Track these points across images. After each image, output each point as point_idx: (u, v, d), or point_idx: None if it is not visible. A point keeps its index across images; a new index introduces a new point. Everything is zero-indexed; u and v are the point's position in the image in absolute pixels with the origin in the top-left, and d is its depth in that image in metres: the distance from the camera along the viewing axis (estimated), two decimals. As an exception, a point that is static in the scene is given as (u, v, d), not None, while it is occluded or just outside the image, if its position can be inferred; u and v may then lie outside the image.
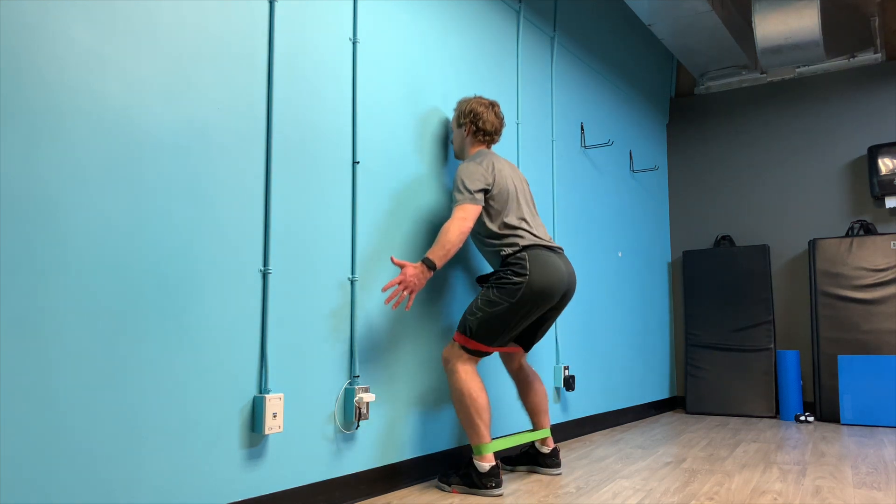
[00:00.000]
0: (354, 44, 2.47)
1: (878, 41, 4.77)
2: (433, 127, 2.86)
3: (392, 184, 2.60)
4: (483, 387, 2.50)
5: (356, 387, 2.33)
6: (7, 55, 1.52)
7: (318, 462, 2.22)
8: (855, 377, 4.30)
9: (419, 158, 2.76)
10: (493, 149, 3.02)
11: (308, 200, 2.24)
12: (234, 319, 1.98)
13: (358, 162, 2.44)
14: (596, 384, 4.02)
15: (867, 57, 4.81)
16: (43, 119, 1.58)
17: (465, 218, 2.48)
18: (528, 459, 2.85)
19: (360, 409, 2.32)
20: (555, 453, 2.81)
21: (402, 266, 2.37)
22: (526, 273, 2.49)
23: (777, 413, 4.75)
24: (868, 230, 4.62)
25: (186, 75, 1.90)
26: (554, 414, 3.56)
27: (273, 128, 2.14)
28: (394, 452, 2.52)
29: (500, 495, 2.43)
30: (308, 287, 2.22)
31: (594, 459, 3.11)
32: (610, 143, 4.04)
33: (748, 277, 4.91)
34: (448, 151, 2.93)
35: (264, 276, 2.08)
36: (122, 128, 1.74)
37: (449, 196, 2.90)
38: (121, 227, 1.72)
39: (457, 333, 2.54)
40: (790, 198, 5.00)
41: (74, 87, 1.64)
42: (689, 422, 4.45)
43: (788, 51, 4.45)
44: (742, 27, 4.90)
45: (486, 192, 2.58)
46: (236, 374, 1.98)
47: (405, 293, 2.38)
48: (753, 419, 4.57)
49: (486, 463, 2.45)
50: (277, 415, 2.03)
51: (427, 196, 2.78)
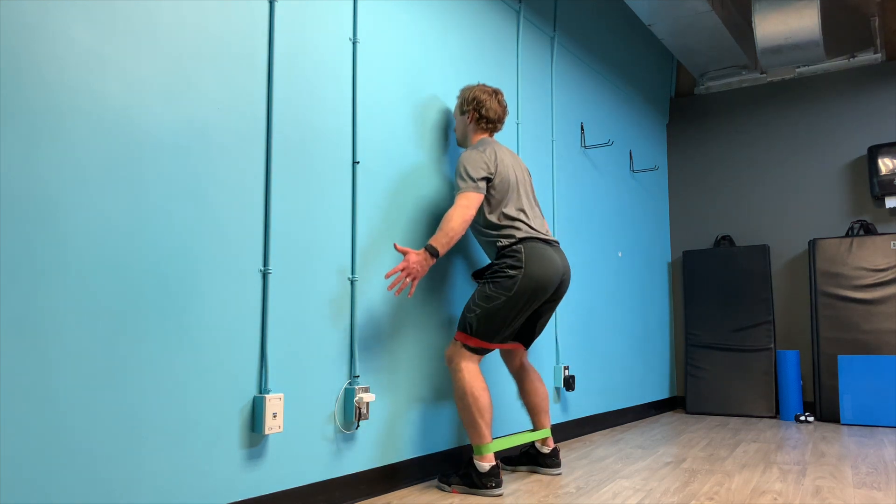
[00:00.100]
0: (354, 44, 2.47)
1: (878, 41, 4.77)
2: (433, 127, 2.86)
3: (392, 184, 2.61)
4: (485, 386, 2.50)
5: (356, 387, 2.33)
6: (7, 55, 1.52)
7: (318, 462, 2.22)
8: (855, 377, 4.30)
9: (419, 159, 2.76)
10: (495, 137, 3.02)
11: (308, 200, 2.24)
12: (234, 319, 1.98)
13: (358, 162, 2.44)
14: (596, 384, 4.02)
15: (867, 57, 4.81)
16: (43, 119, 1.58)
17: (467, 206, 2.49)
18: (529, 459, 2.85)
19: (360, 409, 2.32)
20: (555, 453, 2.81)
21: (404, 253, 2.38)
22: (521, 266, 2.50)
23: (777, 413, 4.76)
24: (868, 230, 4.62)
25: (186, 75, 1.90)
26: (554, 414, 3.56)
27: (273, 128, 2.14)
28: (394, 452, 2.53)
29: (500, 495, 2.43)
30: (308, 287, 2.22)
31: (594, 459, 3.11)
32: (610, 143, 4.04)
33: (748, 277, 4.91)
34: (448, 152, 2.93)
35: (264, 276, 2.08)
36: (122, 128, 1.74)
37: (449, 195, 2.90)
38: (121, 227, 1.72)
39: (458, 332, 2.54)
40: (790, 198, 5.00)
41: (74, 87, 1.64)
42: (689, 422, 4.45)
43: (788, 51, 4.45)
44: (742, 27, 4.90)
45: (488, 180, 2.58)
46: (236, 374, 1.98)
47: (408, 280, 2.38)
48: (753, 419, 4.57)
49: (487, 463, 2.45)
50: (277, 415, 2.03)
51: (427, 196, 2.78)
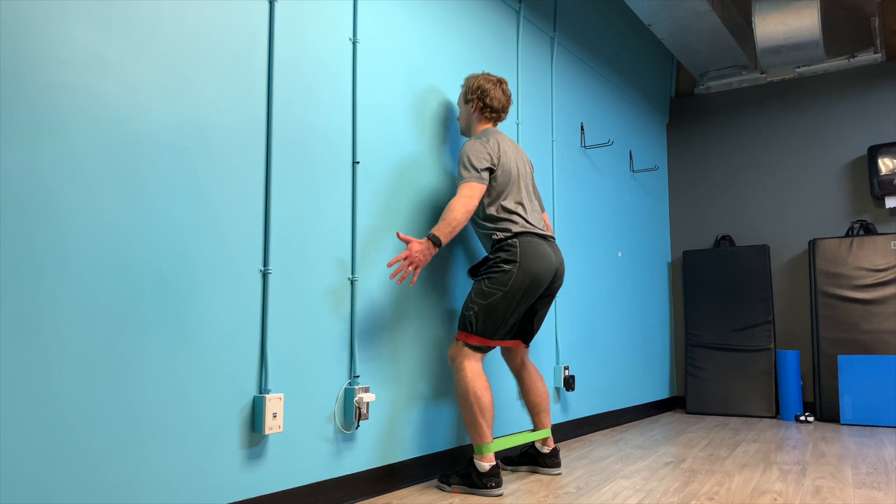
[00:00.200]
0: (354, 44, 2.47)
1: (878, 41, 4.77)
2: (433, 127, 2.86)
3: (392, 184, 2.61)
4: (488, 386, 2.50)
5: (356, 387, 2.33)
6: (7, 55, 1.52)
7: (318, 462, 2.22)
8: (855, 377, 4.30)
9: (419, 159, 2.76)
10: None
11: (308, 200, 2.24)
12: (234, 319, 1.98)
13: (358, 162, 2.44)
14: (596, 384, 4.02)
15: (867, 57, 4.81)
16: (43, 119, 1.58)
17: (470, 196, 2.50)
18: (529, 459, 2.85)
19: (360, 409, 2.32)
20: (555, 453, 2.81)
21: (407, 242, 2.38)
22: (516, 260, 2.52)
23: (777, 413, 4.76)
24: (868, 230, 4.62)
25: (186, 76, 1.90)
26: (554, 414, 3.56)
27: (273, 128, 2.14)
28: (394, 452, 2.53)
29: (500, 495, 2.43)
30: (308, 287, 2.22)
31: (594, 459, 3.11)
32: (610, 143, 4.04)
33: (748, 277, 4.91)
34: (448, 152, 2.94)
35: (264, 276, 2.08)
36: (122, 128, 1.74)
37: (449, 194, 2.89)
38: (121, 227, 1.72)
39: (459, 331, 2.55)
40: (790, 198, 5.00)
41: (75, 87, 1.64)
42: (689, 422, 4.45)
43: (788, 51, 4.45)
44: (742, 27, 4.90)
45: (490, 171, 2.59)
46: (236, 375, 1.98)
47: (410, 268, 2.39)
48: (753, 419, 4.57)
49: (487, 463, 2.45)
50: (277, 415, 2.03)
51: (427, 196, 2.78)
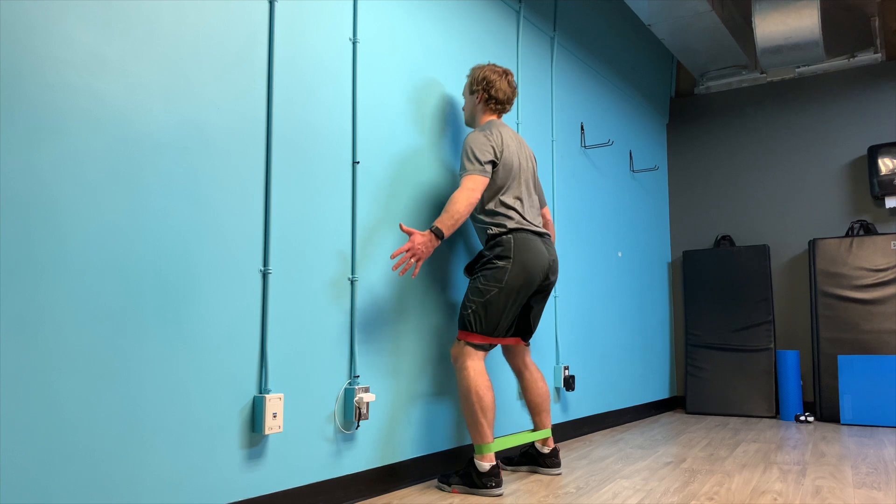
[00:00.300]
0: (354, 44, 2.47)
1: (878, 41, 4.77)
2: (433, 126, 2.86)
3: (392, 184, 2.61)
4: (490, 385, 2.50)
5: (356, 387, 2.33)
6: (7, 55, 1.52)
7: (318, 462, 2.22)
8: (855, 377, 4.30)
9: (420, 159, 2.76)
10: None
11: (308, 200, 2.24)
12: (234, 319, 1.98)
13: (358, 162, 2.44)
14: (596, 384, 4.02)
15: (867, 57, 4.81)
16: (43, 119, 1.58)
17: (473, 189, 2.50)
18: (528, 459, 2.85)
19: (360, 409, 2.32)
20: (555, 453, 2.81)
21: (410, 234, 2.39)
22: (509, 256, 2.53)
23: (777, 413, 4.76)
24: (868, 230, 4.62)
25: (186, 75, 1.90)
26: (554, 414, 3.56)
27: (273, 128, 2.14)
28: (394, 452, 2.53)
29: (500, 495, 2.43)
30: (308, 287, 2.22)
31: (594, 459, 3.11)
32: (610, 143, 4.04)
33: (748, 277, 4.91)
34: (448, 151, 2.93)
35: (264, 276, 2.08)
36: (122, 128, 1.74)
37: (449, 192, 2.89)
38: (121, 227, 1.72)
39: (459, 331, 2.55)
40: (790, 198, 5.00)
41: (75, 87, 1.64)
42: (689, 422, 4.45)
43: (788, 51, 4.45)
44: (742, 27, 4.90)
45: (493, 164, 2.59)
46: (236, 374, 1.98)
47: (412, 261, 2.39)
48: (753, 419, 4.57)
49: (487, 463, 2.45)
50: (277, 415, 2.03)
51: (427, 196, 2.78)
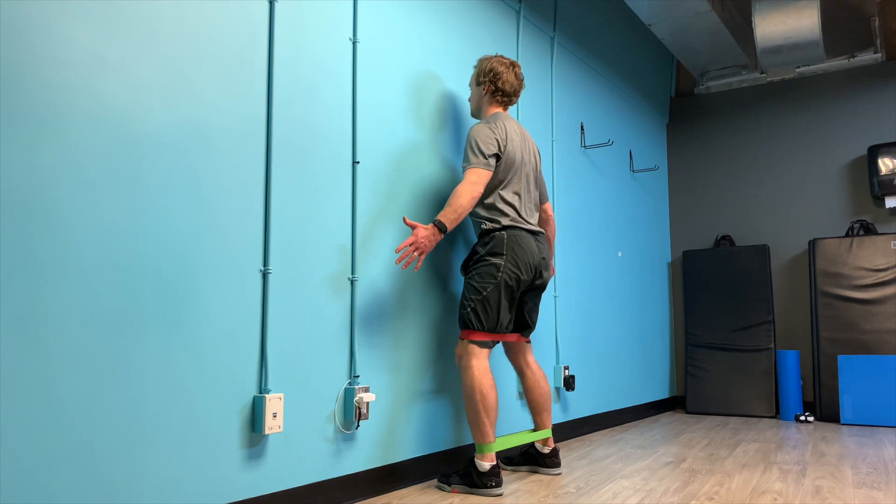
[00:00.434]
0: (354, 44, 2.47)
1: (878, 41, 4.77)
2: (433, 126, 2.86)
3: (392, 184, 2.61)
4: (494, 385, 2.51)
5: (356, 387, 2.33)
6: (7, 55, 1.52)
7: (318, 462, 2.22)
8: (855, 377, 4.30)
9: (420, 159, 2.76)
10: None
11: (308, 200, 2.24)
12: (234, 319, 1.98)
13: (358, 162, 2.44)
14: (596, 384, 4.02)
15: (867, 57, 4.81)
16: (43, 119, 1.58)
17: (476, 182, 2.51)
18: (529, 459, 2.85)
19: (360, 408, 2.32)
20: (555, 453, 2.81)
21: (413, 227, 2.39)
22: (503, 253, 2.55)
23: (777, 413, 4.76)
24: (868, 230, 4.62)
25: (186, 76, 1.90)
26: (554, 414, 3.56)
27: (273, 128, 2.14)
28: (394, 452, 2.53)
29: (500, 495, 2.43)
30: (308, 287, 2.22)
31: (594, 459, 3.11)
32: (610, 143, 4.04)
33: (748, 277, 4.91)
34: (449, 151, 2.93)
35: (264, 276, 2.08)
36: (122, 128, 1.74)
37: (449, 191, 2.89)
38: (121, 227, 1.72)
39: (462, 331, 2.56)
40: (790, 198, 5.00)
41: (75, 87, 1.64)
42: (689, 422, 4.45)
43: (788, 51, 4.45)
44: (742, 27, 4.90)
45: (497, 157, 2.60)
46: (236, 374, 1.98)
47: (415, 254, 2.40)
48: (753, 419, 4.57)
49: (487, 462, 2.45)
50: (277, 415, 2.03)
51: (427, 196, 2.78)
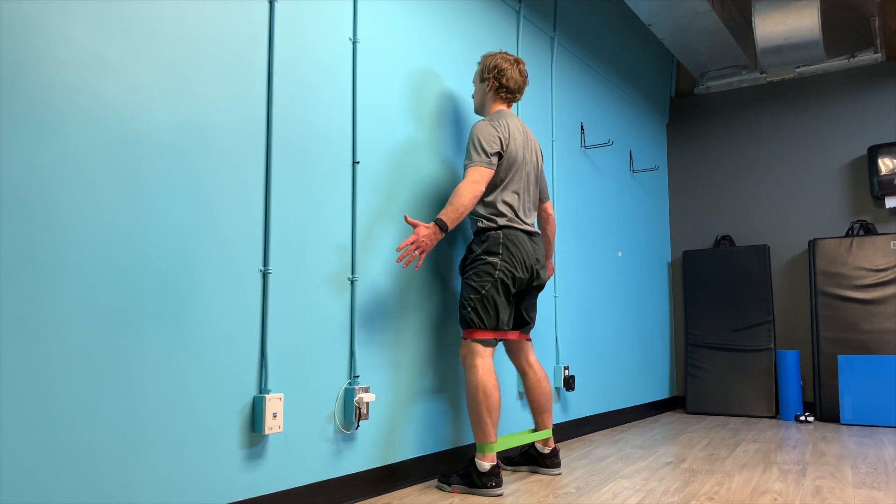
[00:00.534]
0: (354, 44, 2.47)
1: (878, 41, 4.77)
2: (433, 126, 2.86)
3: (392, 184, 2.61)
4: (497, 385, 2.51)
5: (356, 387, 2.33)
6: (7, 55, 1.52)
7: (318, 462, 2.22)
8: (855, 377, 4.30)
9: (420, 158, 2.76)
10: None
11: (308, 200, 2.24)
12: (234, 319, 1.98)
13: (358, 162, 2.44)
14: (596, 384, 4.02)
15: (867, 57, 4.81)
16: (43, 119, 1.58)
17: (478, 181, 2.51)
18: (529, 459, 2.85)
19: (360, 409, 2.32)
20: (555, 453, 2.81)
21: (414, 226, 2.40)
22: (498, 252, 2.56)
23: (777, 413, 4.75)
24: (868, 230, 4.62)
25: (186, 75, 1.90)
26: (554, 414, 3.56)
27: (273, 128, 2.14)
28: (394, 452, 2.53)
29: (500, 495, 2.43)
30: (308, 287, 2.22)
31: (594, 459, 3.11)
32: (610, 143, 4.04)
33: (748, 277, 4.91)
34: (449, 150, 2.93)
35: (264, 276, 2.08)
36: (122, 128, 1.74)
37: (449, 191, 2.89)
38: (121, 227, 1.72)
39: (464, 332, 2.57)
40: (790, 198, 5.00)
41: (75, 87, 1.64)
42: (689, 422, 4.45)
43: (788, 51, 4.45)
44: (742, 27, 4.90)
45: (499, 156, 2.60)
46: (236, 374, 1.98)
47: (416, 253, 2.40)
48: (753, 419, 4.57)
49: (488, 462, 2.45)
50: (277, 415, 2.03)
51: (427, 195, 2.78)
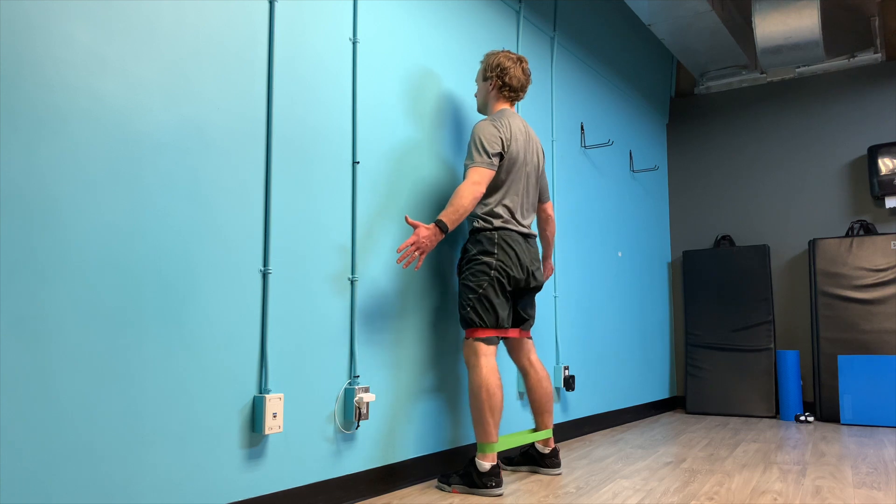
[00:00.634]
0: (354, 44, 2.47)
1: (878, 41, 4.77)
2: (434, 126, 2.86)
3: (392, 184, 2.61)
4: (500, 385, 2.51)
5: (356, 387, 2.33)
6: (7, 55, 1.52)
7: (318, 462, 2.22)
8: (855, 377, 4.30)
9: (420, 159, 2.76)
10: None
11: (308, 200, 2.24)
12: (234, 319, 1.98)
13: (358, 162, 2.44)
14: (596, 384, 4.02)
15: (867, 57, 4.81)
16: (43, 119, 1.58)
17: (479, 182, 2.51)
18: (529, 460, 2.85)
19: (360, 409, 2.32)
20: (555, 453, 2.81)
21: (415, 226, 2.40)
22: (493, 252, 2.57)
23: (777, 413, 4.75)
24: (868, 230, 4.62)
25: (186, 76, 1.90)
26: (554, 414, 3.56)
27: (273, 128, 2.14)
28: (394, 452, 2.53)
29: (501, 495, 2.43)
30: (308, 287, 2.22)
31: (594, 459, 3.11)
32: (610, 143, 4.04)
33: (748, 277, 4.91)
34: (449, 150, 2.93)
35: (264, 276, 2.08)
36: (122, 128, 1.74)
37: (449, 191, 2.89)
38: (121, 227, 1.72)
39: (466, 332, 2.58)
40: (790, 198, 5.00)
41: (75, 87, 1.64)
42: (689, 422, 4.45)
43: (788, 51, 4.45)
44: (742, 27, 4.90)
45: (501, 156, 2.60)
46: (236, 374, 1.98)
47: (416, 254, 2.40)
48: (753, 419, 4.57)
49: (488, 462, 2.45)
50: (277, 415, 2.03)
51: (427, 195, 2.78)
